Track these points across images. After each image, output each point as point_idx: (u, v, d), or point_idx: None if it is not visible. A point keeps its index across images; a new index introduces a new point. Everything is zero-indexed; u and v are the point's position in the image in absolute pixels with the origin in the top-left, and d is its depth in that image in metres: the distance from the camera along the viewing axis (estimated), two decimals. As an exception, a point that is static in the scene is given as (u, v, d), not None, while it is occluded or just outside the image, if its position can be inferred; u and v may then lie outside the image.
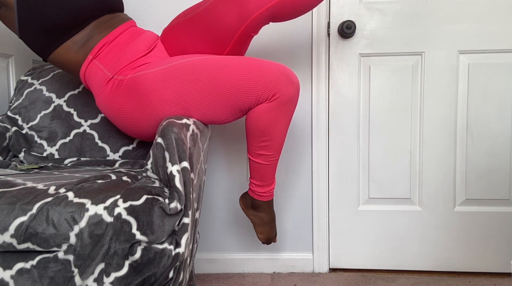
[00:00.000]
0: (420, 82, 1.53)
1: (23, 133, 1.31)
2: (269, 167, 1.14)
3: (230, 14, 1.09)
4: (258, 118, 1.05)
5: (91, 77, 1.13)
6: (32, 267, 0.81)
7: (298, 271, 1.61)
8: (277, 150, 1.12)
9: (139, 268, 0.80)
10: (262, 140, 1.08)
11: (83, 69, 1.13)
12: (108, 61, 1.11)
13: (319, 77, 1.54)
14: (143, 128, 1.11)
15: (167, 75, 1.05)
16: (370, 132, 1.56)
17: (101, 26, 1.13)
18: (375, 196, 1.58)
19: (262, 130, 1.06)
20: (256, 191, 1.20)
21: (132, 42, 1.15)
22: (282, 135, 1.10)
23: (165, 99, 1.05)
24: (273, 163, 1.14)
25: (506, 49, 1.48)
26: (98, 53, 1.11)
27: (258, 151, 1.11)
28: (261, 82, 1.00)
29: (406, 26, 1.51)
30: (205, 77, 1.02)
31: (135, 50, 1.14)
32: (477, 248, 1.55)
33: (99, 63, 1.11)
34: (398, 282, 1.48)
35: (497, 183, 1.53)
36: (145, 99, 1.06)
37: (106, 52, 1.12)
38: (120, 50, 1.12)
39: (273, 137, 1.08)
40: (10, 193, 0.83)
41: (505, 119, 1.51)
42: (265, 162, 1.13)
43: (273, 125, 1.06)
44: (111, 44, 1.13)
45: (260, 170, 1.14)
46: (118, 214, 0.79)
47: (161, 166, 0.91)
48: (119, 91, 1.08)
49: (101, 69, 1.11)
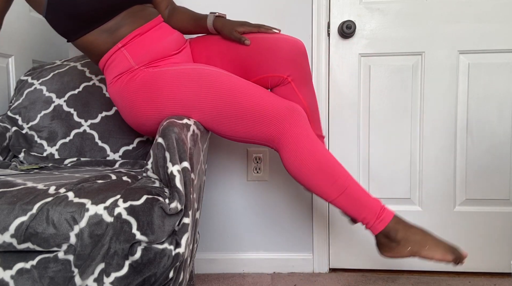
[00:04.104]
0: (420, 82, 1.53)
1: (23, 133, 1.31)
2: (351, 193, 1.05)
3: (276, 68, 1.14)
4: (298, 166, 1.04)
5: (113, 64, 1.12)
6: (32, 267, 0.81)
7: (298, 271, 1.61)
8: (337, 176, 1.05)
9: (139, 268, 0.80)
10: (320, 177, 1.04)
11: (108, 55, 1.12)
12: (137, 52, 1.11)
13: (319, 77, 1.54)
14: (147, 121, 1.11)
15: (186, 76, 1.06)
16: (370, 132, 1.56)
17: (132, 17, 1.13)
18: (375, 196, 1.57)
19: (312, 169, 1.04)
20: (372, 224, 1.07)
21: (163, 39, 1.15)
22: (327, 159, 1.04)
23: (175, 98, 1.06)
24: (349, 185, 1.05)
25: (506, 49, 1.48)
26: (128, 43, 1.11)
27: (327, 190, 1.05)
28: (275, 118, 1.02)
29: (406, 26, 1.51)
30: (225, 94, 1.04)
31: (165, 47, 1.14)
32: (477, 248, 1.55)
33: (127, 52, 1.11)
34: (398, 282, 1.48)
35: (497, 183, 1.53)
36: (158, 92, 1.07)
37: (137, 43, 1.12)
38: (151, 43, 1.13)
39: (322, 168, 1.04)
40: (10, 193, 0.83)
41: (505, 119, 1.51)
42: (342, 192, 1.05)
43: (314, 155, 1.03)
44: (142, 36, 1.13)
45: (350, 203, 1.06)
46: (118, 214, 0.79)
47: (162, 166, 0.91)
48: (137, 81, 1.09)
49: (128, 59, 1.11)
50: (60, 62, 1.45)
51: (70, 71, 1.39)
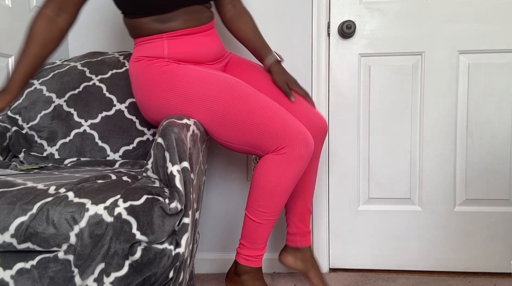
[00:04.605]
0: (420, 82, 1.53)
1: (23, 133, 1.31)
2: (262, 227, 1.11)
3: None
4: (265, 174, 1.07)
5: (147, 46, 1.14)
6: (32, 267, 0.81)
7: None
8: (275, 210, 1.10)
9: (139, 268, 0.80)
10: (264, 197, 1.08)
11: (148, 38, 1.14)
12: (175, 49, 1.13)
13: (319, 77, 1.54)
14: (154, 108, 1.13)
15: (206, 80, 1.08)
16: (370, 132, 1.56)
17: (188, 15, 1.14)
18: (375, 196, 1.58)
19: (267, 187, 1.07)
20: (243, 254, 1.14)
21: (205, 47, 1.17)
22: (285, 196, 1.09)
23: (187, 96, 1.08)
24: (268, 223, 1.11)
25: (506, 49, 1.48)
26: (173, 38, 1.13)
27: (257, 207, 1.09)
28: (281, 132, 1.04)
29: (406, 26, 1.51)
30: (243, 99, 1.06)
31: (203, 55, 1.17)
32: (477, 248, 1.55)
33: (167, 44, 1.13)
34: (398, 282, 1.48)
35: (497, 183, 1.53)
36: (175, 85, 1.09)
37: (180, 41, 1.14)
38: (192, 46, 1.15)
39: (274, 197, 1.08)
40: (10, 192, 0.83)
41: (505, 119, 1.51)
42: (260, 221, 1.10)
43: (279, 183, 1.06)
44: (188, 37, 1.15)
45: (253, 228, 1.11)
46: (118, 214, 0.80)
47: (161, 165, 0.91)
48: (161, 69, 1.11)
49: (164, 49, 1.13)
50: (60, 62, 1.45)
51: (70, 71, 1.39)
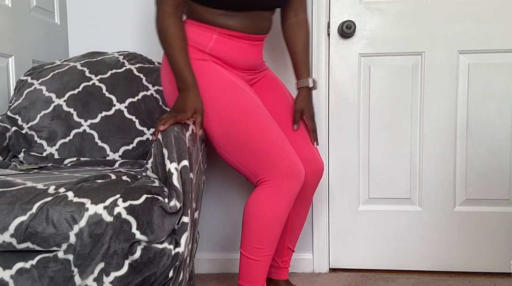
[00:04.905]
0: (420, 82, 1.53)
1: (23, 133, 1.31)
2: (260, 264, 1.09)
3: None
4: (257, 208, 1.06)
5: (195, 32, 1.11)
6: (32, 266, 0.81)
7: (298, 271, 1.61)
8: (270, 245, 1.09)
9: (139, 267, 0.80)
10: (258, 232, 1.07)
11: (200, 25, 1.11)
12: (220, 46, 1.11)
13: (319, 77, 1.54)
14: (173, 94, 1.13)
15: (228, 87, 1.07)
16: (370, 132, 1.56)
17: (250, 20, 1.12)
18: (375, 196, 1.58)
19: (260, 222, 1.06)
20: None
21: (247, 56, 1.16)
22: (278, 229, 1.08)
23: (204, 95, 1.07)
24: (265, 259, 1.09)
25: (506, 49, 1.48)
26: (224, 35, 1.11)
27: (253, 244, 1.08)
28: (274, 161, 1.04)
29: (406, 26, 1.51)
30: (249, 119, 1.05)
31: (242, 62, 1.16)
32: (477, 248, 1.55)
33: (215, 39, 1.10)
34: (398, 282, 1.48)
35: (497, 183, 1.53)
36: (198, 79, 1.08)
37: (229, 41, 1.12)
38: (237, 52, 1.14)
39: (268, 230, 1.07)
40: (9, 192, 0.83)
41: (505, 119, 1.51)
42: (257, 258, 1.09)
43: (271, 216, 1.06)
44: (239, 40, 1.13)
45: (251, 267, 1.10)
46: (117, 214, 0.80)
47: (160, 163, 0.91)
48: (194, 62, 1.09)
49: (210, 41, 1.10)
50: (59, 62, 1.45)
51: (70, 71, 1.39)
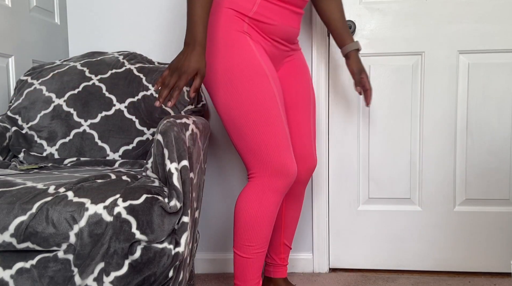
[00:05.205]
0: (420, 82, 1.53)
1: (23, 133, 1.31)
2: (252, 262, 1.09)
3: None
4: (245, 207, 1.06)
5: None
6: (32, 266, 0.81)
7: (298, 271, 1.61)
8: (261, 242, 1.08)
9: (139, 267, 0.80)
10: (248, 230, 1.07)
11: None
12: (264, 11, 1.07)
13: (319, 77, 1.54)
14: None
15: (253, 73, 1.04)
16: (370, 133, 1.56)
17: None
18: (375, 196, 1.58)
19: (248, 220, 1.06)
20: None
21: (289, 25, 1.12)
22: (267, 226, 1.08)
23: (226, 73, 1.05)
24: (257, 257, 1.09)
25: (506, 49, 1.48)
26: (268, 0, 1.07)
27: (244, 242, 1.08)
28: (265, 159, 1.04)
29: (406, 26, 1.51)
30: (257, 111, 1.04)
31: (282, 32, 1.12)
32: (477, 248, 1.55)
33: (259, 3, 1.06)
34: (398, 282, 1.48)
35: (497, 183, 1.53)
36: (230, 53, 1.06)
37: (273, 6, 1.08)
38: (279, 18, 1.09)
39: (257, 227, 1.07)
40: (9, 192, 0.83)
41: (505, 119, 1.51)
42: (248, 255, 1.08)
43: (259, 213, 1.06)
44: (283, 5, 1.09)
45: (244, 265, 1.09)
46: (117, 213, 0.80)
47: (160, 163, 0.91)
48: (233, 33, 1.06)
49: (254, 5, 1.06)
50: (59, 62, 1.45)
51: (70, 71, 1.39)
